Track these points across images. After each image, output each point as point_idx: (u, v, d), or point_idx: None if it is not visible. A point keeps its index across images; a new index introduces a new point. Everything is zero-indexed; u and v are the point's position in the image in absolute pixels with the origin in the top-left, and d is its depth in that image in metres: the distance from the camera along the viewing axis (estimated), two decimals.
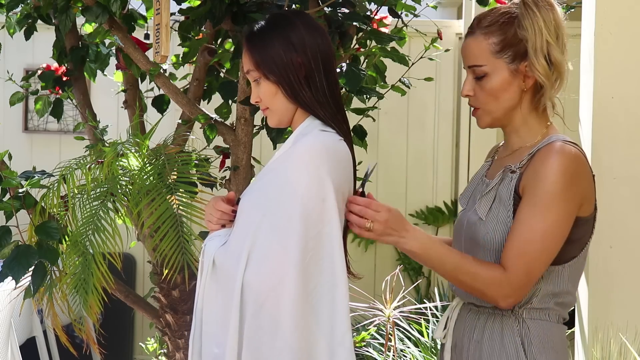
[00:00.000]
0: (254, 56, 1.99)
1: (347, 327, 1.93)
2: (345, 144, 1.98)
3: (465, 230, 1.98)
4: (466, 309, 2.01)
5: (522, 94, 1.92)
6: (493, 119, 1.96)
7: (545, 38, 1.87)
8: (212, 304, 1.99)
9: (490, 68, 1.90)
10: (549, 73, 1.88)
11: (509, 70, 1.90)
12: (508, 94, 1.91)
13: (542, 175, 1.83)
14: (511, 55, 1.89)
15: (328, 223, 1.91)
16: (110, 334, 3.66)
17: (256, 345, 1.90)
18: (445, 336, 2.04)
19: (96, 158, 2.59)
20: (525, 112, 1.94)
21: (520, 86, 1.91)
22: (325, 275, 1.92)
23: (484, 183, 2.01)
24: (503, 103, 1.92)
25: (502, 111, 1.93)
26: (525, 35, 1.87)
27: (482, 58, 1.91)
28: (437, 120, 5.31)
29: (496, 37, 1.90)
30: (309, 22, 2.02)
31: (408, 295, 3.33)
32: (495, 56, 1.90)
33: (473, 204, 2.00)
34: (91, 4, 2.72)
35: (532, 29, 1.87)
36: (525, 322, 1.90)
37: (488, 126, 1.98)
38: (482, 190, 1.99)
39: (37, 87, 3.45)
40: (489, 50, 1.90)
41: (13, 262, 2.39)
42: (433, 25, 3.29)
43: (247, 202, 1.99)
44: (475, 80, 1.93)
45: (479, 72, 1.92)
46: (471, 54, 1.93)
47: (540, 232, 1.82)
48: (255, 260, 1.91)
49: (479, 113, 1.97)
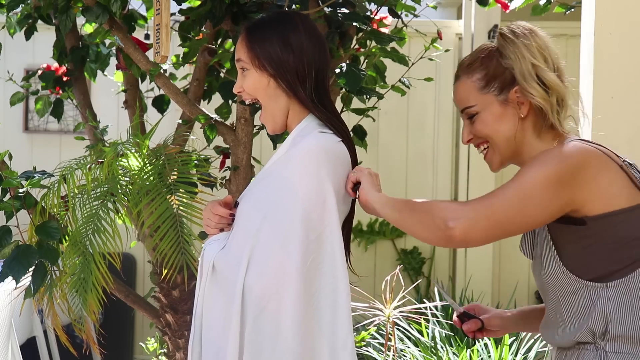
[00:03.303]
0: (251, 46, 1.98)
1: (349, 330, 1.92)
2: (344, 146, 1.98)
3: (538, 279, 1.89)
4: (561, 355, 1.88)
5: (522, 122, 1.85)
6: (502, 157, 1.89)
7: (530, 61, 1.81)
8: (212, 309, 1.98)
9: (480, 106, 1.86)
10: (545, 95, 1.81)
11: (499, 102, 1.85)
12: (504, 125, 1.85)
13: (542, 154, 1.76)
14: (498, 87, 1.85)
15: (328, 225, 1.91)
16: (110, 334, 3.66)
17: (257, 349, 1.89)
18: None
19: (96, 158, 2.59)
20: (533, 141, 1.86)
21: (516, 115, 1.85)
22: (326, 278, 1.91)
23: None
24: (501, 135, 1.86)
25: (504, 144, 1.86)
26: (509, 63, 1.83)
27: (471, 98, 1.87)
28: (437, 120, 5.31)
29: (479, 73, 1.86)
30: (311, 28, 2.01)
31: (408, 295, 3.33)
32: (482, 92, 1.86)
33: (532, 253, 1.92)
34: (91, 4, 2.72)
35: (514, 56, 1.82)
36: (608, 355, 1.75)
37: (500, 166, 1.91)
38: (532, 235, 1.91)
39: (38, 87, 3.46)
40: (474, 88, 1.87)
41: (13, 262, 2.39)
42: (433, 26, 3.29)
43: (247, 206, 1.98)
44: (470, 123, 1.89)
45: (471, 112, 1.88)
46: (460, 98, 1.90)
47: (516, 183, 1.73)
48: (256, 264, 1.90)
49: (488, 154, 1.91)
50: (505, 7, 2.92)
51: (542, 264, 1.83)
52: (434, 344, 3.77)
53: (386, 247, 5.29)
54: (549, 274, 1.81)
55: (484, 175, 5.06)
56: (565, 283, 1.79)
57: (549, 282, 1.82)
